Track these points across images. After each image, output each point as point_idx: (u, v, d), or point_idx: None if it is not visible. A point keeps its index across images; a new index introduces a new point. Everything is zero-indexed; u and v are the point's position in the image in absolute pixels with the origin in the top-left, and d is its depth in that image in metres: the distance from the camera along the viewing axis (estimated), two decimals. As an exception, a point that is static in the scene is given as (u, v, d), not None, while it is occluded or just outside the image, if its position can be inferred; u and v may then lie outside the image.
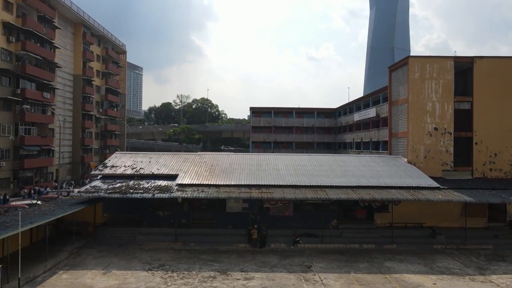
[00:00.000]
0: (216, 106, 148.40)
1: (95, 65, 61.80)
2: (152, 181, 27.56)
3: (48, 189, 41.43)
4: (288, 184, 27.19)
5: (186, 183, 26.97)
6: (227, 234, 26.54)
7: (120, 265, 21.14)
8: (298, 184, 27.19)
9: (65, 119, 53.45)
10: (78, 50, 55.91)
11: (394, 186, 26.94)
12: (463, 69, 33.24)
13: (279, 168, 30.39)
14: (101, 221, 28.51)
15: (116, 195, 24.86)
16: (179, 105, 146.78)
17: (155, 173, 28.86)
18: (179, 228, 26.49)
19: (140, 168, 29.73)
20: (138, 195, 24.76)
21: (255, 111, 75.04)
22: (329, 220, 27.80)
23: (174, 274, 19.89)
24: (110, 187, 26.16)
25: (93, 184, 27.19)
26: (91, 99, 59.51)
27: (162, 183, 27.06)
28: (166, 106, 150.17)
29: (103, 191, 25.28)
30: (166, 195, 24.78)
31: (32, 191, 39.53)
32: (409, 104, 32.57)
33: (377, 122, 49.57)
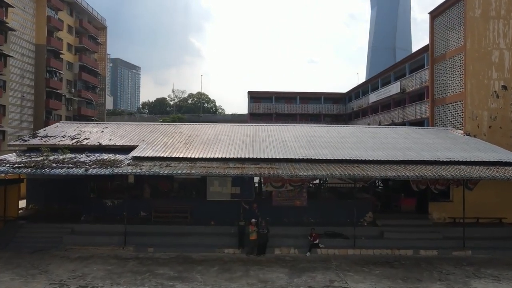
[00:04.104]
0: (213, 101, 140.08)
1: (65, 37, 52.52)
2: (97, 154, 18.31)
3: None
4: (301, 157, 17.91)
5: (146, 156, 17.68)
6: (206, 233, 17.24)
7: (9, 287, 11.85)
8: (316, 157, 17.91)
9: (23, 96, 44.20)
10: (41, 15, 46.66)
11: (463, 161, 17.67)
12: (542, 5, 24.04)
13: (285, 139, 21.11)
14: (23, 214, 19.30)
15: (26, 171, 15.55)
16: (174, 100, 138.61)
17: (104, 144, 19.58)
18: (133, 224, 17.24)
19: (85, 139, 20.46)
20: (62, 170, 15.44)
21: (253, 96, 65.83)
22: (361, 213, 18.47)
23: (95, 307, 10.57)
24: (25, 160, 16.86)
25: (1, 157, 17.89)
26: (59, 75, 50.23)
27: (110, 156, 17.80)
28: (161, 101, 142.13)
29: (7, 166, 15.95)
30: (106, 171, 15.46)
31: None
32: (466, 53, 23.34)
33: (399, 102, 40.64)
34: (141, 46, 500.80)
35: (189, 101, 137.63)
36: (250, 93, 65.64)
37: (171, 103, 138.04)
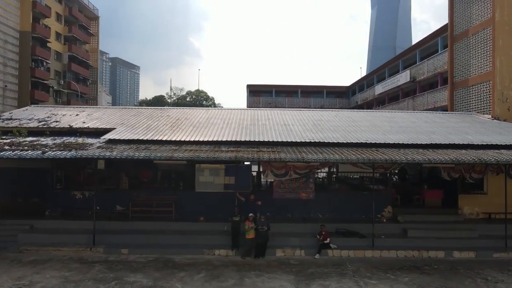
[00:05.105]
0: (212, 99, 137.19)
1: (53, 25, 49.52)
2: (66, 138, 15.39)
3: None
4: (307, 141, 15.03)
5: (123, 138, 14.80)
6: (194, 231, 14.31)
7: None
8: (325, 141, 15.03)
9: (6, 85, 41.23)
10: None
11: (502, 145, 14.77)
12: None
13: (288, 123, 18.24)
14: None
15: (-32, 153, 12.61)
16: (172, 97, 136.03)
17: (75, 126, 16.68)
18: (106, 221, 14.36)
19: (54, 122, 17.59)
20: (13, 153, 12.51)
21: (253, 90, 63.03)
22: (379, 207, 15.50)
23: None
24: (-27, 142, 13.93)
25: None
26: (45, 64, 47.25)
27: (79, 140, 14.89)
28: (159, 99, 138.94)
29: None
30: (68, 154, 12.53)
31: None
32: (495, 26, 20.43)
33: (407, 93, 37.88)
34: (141, 46, 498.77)
35: (188, 99, 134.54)
36: (249, 86, 62.85)
37: (169, 101, 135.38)
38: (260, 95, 62.99)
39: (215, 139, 14.98)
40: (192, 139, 14.83)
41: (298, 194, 15.50)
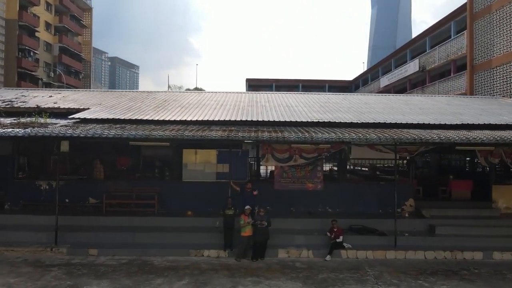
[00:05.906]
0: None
1: (43, 14, 47.23)
2: (29, 118, 13.02)
3: None
4: (314, 121, 12.70)
5: (95, 118, 12.45)
6: (180, 228, 11.92)
7: None
8: (335, 121, 12.71)
9: (-11, 75, 38.92)
10: (11, -15, 41.40)
11: (546, 125, 12.43)
12: None
13: (291, 104, 15.91)
14: None
15: None
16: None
17: (44, 106, 14.34)
18: (75, 215, 12.02)
19: (21, 102, 15.27)
20: (-47, 130, 10.14)
21: (252, 84, 60.65)
22: (399, 200, 13.04)
23: None
24: None
25: None
26: (33, 54, 44.89)
27: (41, 120, 12.55)
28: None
29: None
30: (21, 132, 10.15)
31: None
32: (524, -3, 18.10)
33: (415, 84, 35.53)
34: (140, 46, 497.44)
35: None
36: (248, 80, 60.49)
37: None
38: (260, 89, 60.62)
39: (205, 118, 12.64)
40: (178, 119, 12.49)
41: (304, 184, 13.08)
